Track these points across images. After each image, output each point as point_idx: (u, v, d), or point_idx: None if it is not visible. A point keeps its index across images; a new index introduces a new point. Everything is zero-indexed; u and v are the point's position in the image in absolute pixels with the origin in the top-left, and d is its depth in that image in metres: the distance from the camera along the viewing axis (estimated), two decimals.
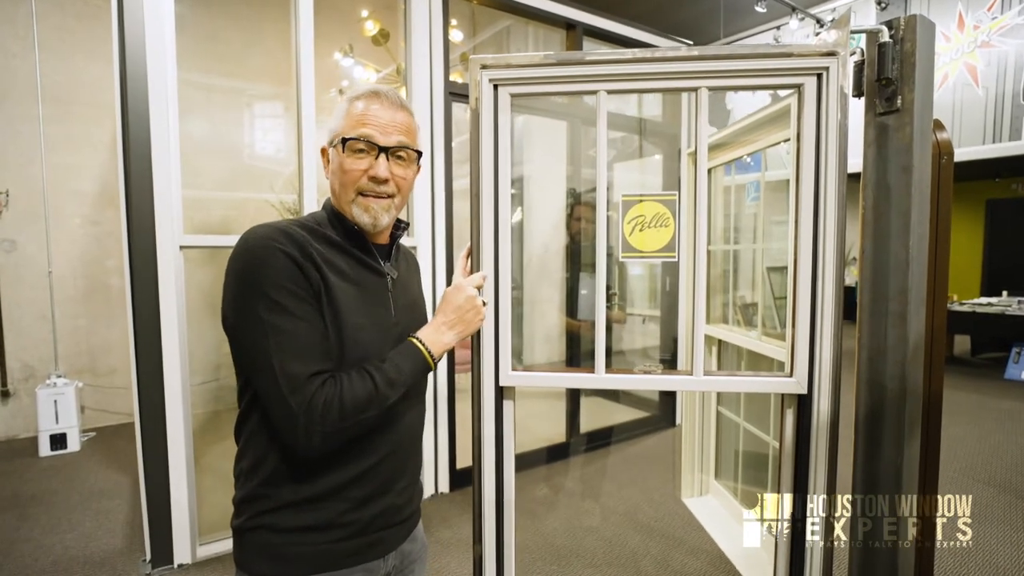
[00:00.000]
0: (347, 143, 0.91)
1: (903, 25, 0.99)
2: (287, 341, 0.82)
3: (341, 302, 0.88)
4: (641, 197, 1.05)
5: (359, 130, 0.92)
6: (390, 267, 1.01)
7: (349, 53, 3.98)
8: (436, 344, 0.95)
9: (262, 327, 0.82)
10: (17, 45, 3.81)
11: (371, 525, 0.94)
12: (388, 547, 0.98)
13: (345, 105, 0.95)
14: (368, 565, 0.94)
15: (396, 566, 1.01)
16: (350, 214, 0.94)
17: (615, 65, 1.02)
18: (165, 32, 2.20)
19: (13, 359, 3.92)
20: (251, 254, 0.84)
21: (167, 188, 2.23)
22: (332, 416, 0.82)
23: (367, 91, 0.95)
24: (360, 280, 0.94)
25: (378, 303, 0.96)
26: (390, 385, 0.87)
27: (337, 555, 0.91)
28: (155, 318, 2.24)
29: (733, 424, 2.41)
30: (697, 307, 1.05)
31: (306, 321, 0.84)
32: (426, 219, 2.93)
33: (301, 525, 0.88)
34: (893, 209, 1.03)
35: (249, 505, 0.90)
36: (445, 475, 3.08)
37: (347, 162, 0.92)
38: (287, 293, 0.83)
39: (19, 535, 2.60)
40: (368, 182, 0.93)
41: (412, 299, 1.07)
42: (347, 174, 0.92)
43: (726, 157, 2.11)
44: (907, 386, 1.03)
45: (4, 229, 3.85)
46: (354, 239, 0.96)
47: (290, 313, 0.83)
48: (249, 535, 0.90)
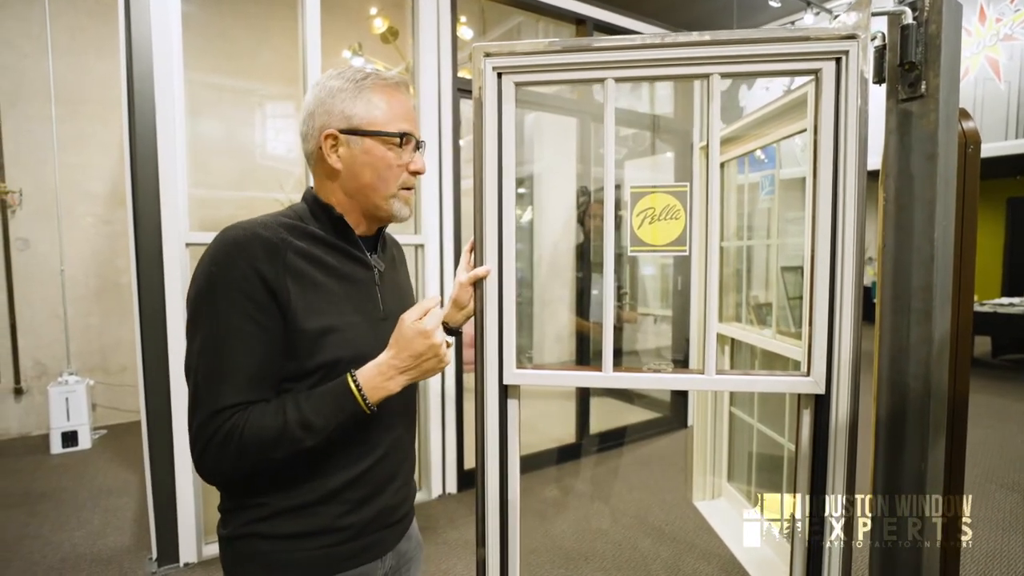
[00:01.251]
0: (404, 139, 0.90)
1: (928, 6, 0.94)
2: (218, 366, 0.78)
3: (324, 299, 0.84)
4: (651, 189, 1.01)
5: (402, 125, 0.90)
6: (377, 259, 0.97)
7: (358, 51, 3.96)
8: (378, 390, 0.83)
9: (201, 343, 0.79)
10: (30, 45, 3.84)
11: (368, 528, 0.91)
12: (385, 548, 0.95)
13: (372, 92, 0.89)
14: (365, 568, 0.91)
15: (393, 566, 0.98)
16: (388, 208, 0.91)
17: (623, 51, 0.98)
18: (172, 31, 2.20)
19: (26, 357, 3.95)
20: (215, 263, 0.79)
21: (173, 186, 2.22)
22: (227, 455, 0.78)
23: (395, 80, 0.92)
24: (347, 275, 0.90)
25: (366, 298, 0.92)
26: (305, 428, 0.79)
27: (334, 560, 0.88)
28: (161, 316, 2.23)
29: (746, 425, 2.35)
30: (710, 303, 1.01)
31: (250, 346, 0.79)
32: (434, 217, 2.90)
33: (295, 532, 0.85)
34: (916, 200, 0.98)
35: (238, 513, 0.86)
36: (453, 475, 3.06)
37: (391, 156, 0.89)
38: (238, 311, 0.78)
39: (28, 531, 2.61)
40: (409, 177, 0.92)
41: (400, 290, 1.03)
42: (392, 169, 0.90)
43: (739, 150, 2.06)
44: (931, 387, 0.98)
45: (17, 228, 3.89)
46: (341, 233, 0.92)
47: (236, 335, 0.78)
48: (239, 543, 0.86)
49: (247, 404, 0.79)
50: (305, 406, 0.80)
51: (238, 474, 0.81)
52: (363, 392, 0.82)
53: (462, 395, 3.06)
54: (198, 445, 0.79)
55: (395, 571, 0.99)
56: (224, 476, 0.83)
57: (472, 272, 0.95)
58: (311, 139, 0.90)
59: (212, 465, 0.80)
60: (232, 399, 0.78)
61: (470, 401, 3.08)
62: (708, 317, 1.02)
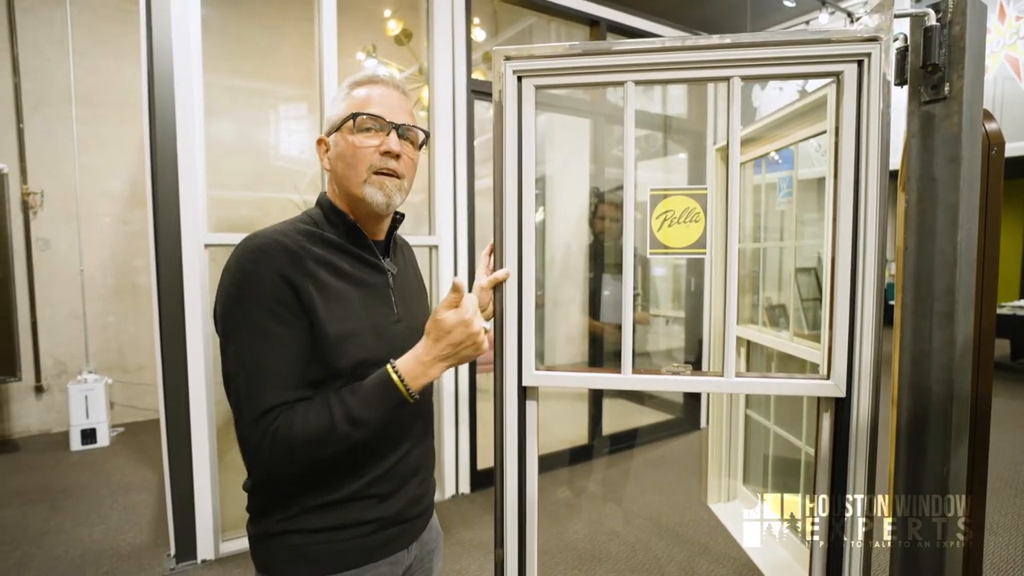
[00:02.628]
0: (357, 119, 0.89)
1: (951, 7, 0.93)
2: (257, 369, 0.80)
3: (342, 304, 0.86)
4: (671, 191, 1.01)
5: (368, 108, 0.90)
6: (390, 263, 0.99)
7: (372, 53, 3.99)
8: (420, 378, 0.85)
9: (237, 349, 0.81)
10: (52, 49, 3.91)
11: (395, 518, 0.95)
12: (410, 538, 1.00)
13: (346, 90, 0.92)
14: (393, 558, 0.96)
15: (417, 556, 1.03)
16: (362, 195, 0.90)
17: (643, 55, 0.98)
18: (191, 35, 2.23)
19: (47, 355, 4.02)
20: (241, 271, 0.82)
21: (192, 188, 2.25)
22: (279, 456, 0.80)
23: (367, 76, 0.93)
24: (362, 280, 0.92)
25: (380, 302, 0.94)
26: (352, 423, 0.81)
27: (365, 550, 0.92)
28: (180, 315, 2.26)
29: (762, 428, 2.34)
30: (728, 306, 1.01)
31: (283, 346, 0.81)
32: (448, 218, 2.92)
33: (328, 526, 0.88)
34: (939, 203, 0.97)
35: (271, 513, 0.89)
36: (466, 476, 3.07)
37: (358, 139, 0.89)
38: (269, 314, 0.81)
39: (50, 526, 2.66)
40: (381, 158, 0.89)
41: (412, 292, 1.06)
42: (359, 151, 0.89)
43: (755, 153, 2.05)
44: (954, 390, 0.97)
45: (39, 228, 3.96)
46: (354, 237, 0.94)
47: (269, 337, 0.81)
48: (274, 540, 0.89)
49: (290, 404, 0.81)
50: (350, 401, 0.82)
51: (292, 472, 0.84)
52: (405, 382, 0.84)
53: (475, 396, 3.07)
54: (249, 449, 0.81)
55: (419, 560, 1.04)
56: (279, 475, 0.85)
57: (492, 276, 0.96)
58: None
59: (267, 466, 0.82)
60: (275, 400, 0.80)
61: (484, 402, 3.09)
62: (727, 320, 1.02)
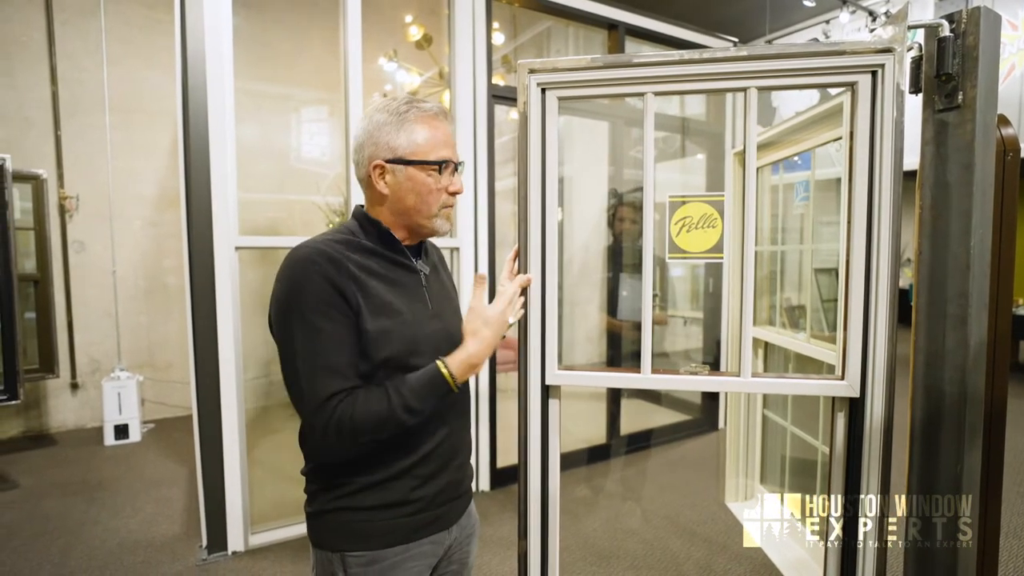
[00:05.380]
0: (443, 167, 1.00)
1: (965, 18, 0.95)
2: (317, 363, 0.91)
3: (382, 303, 0.96)
4: (689, 198, 1.05)
5: (442, 152, 1.00)
6: (422, 264, 1.09)
7: (393, 58, 4.07)
8: (466, 371, 0.99)
9: (295, 347, 0.92)
10: (88, 59, 4.05)
11: (435, 500, 1.03)
12: (451, 520, 1.08)
13: (411, 120, 1.00)
14: (435, 537, 1.05)
15: (457, 538, 1.11)
16: (432, 226, 1.03)
17: (662, 67, 1.02)
18: (223, 44, 2.31)
19: (81, 353, 4.16)
20: (292, 279, 0.93)
21: (223, 192, 2.33)
22: (345, 438, 0.90)
23: (431, 111, 1.02)
24: (397, 280, 1.02)
25: (416, 299, 1.03)
26: (408, 411, 0.92)
27: (409, 529, 1.00)
28: (212, 316, 2.34)
29: (780, 428, 2.36)
30: (745, 308, 1.04)
31: (336, 340, 0.91)
32: (469, 220, 2.97)
33: (377, 504, 0.98)
34: (953, 209, 1.00)
35: (327, 492, 0.99)
36: (486, 473, 3.12)
37: (431, 181, 1.00)
38: (320, 314, 0.91)
39: (88, 518, 2.77)
40: (448, 197, 1.03)
41: (445, 290, 1.15)
42: (433, 193, 1.01)
43: (773, 157, 2.06)
44: (967, 392, 0.99)
45: (74, 231, 4.10)
46: (388, 243, 1.03)
47: (322, 334, 0.91)
48: (329, 516, 0.99)
49: (348, 391, 0.91)
50: (405, 392, 0.93)
51: (352, 453, 0.95)
52: (454, 376, 0.97)
53: (495, 395, 3.12)
54: (315, 434, 0.92)
55: (459, 543, 1.12)
56: (340, 456, 0.97)
57: (516, 280, 1.03)
58: (362, 167, 1.03)
59: (332, 447, 0.94)
60: (336, 387, 0.90)
61: (503, 401, 3.14)
62: (744, 322, 1.05)
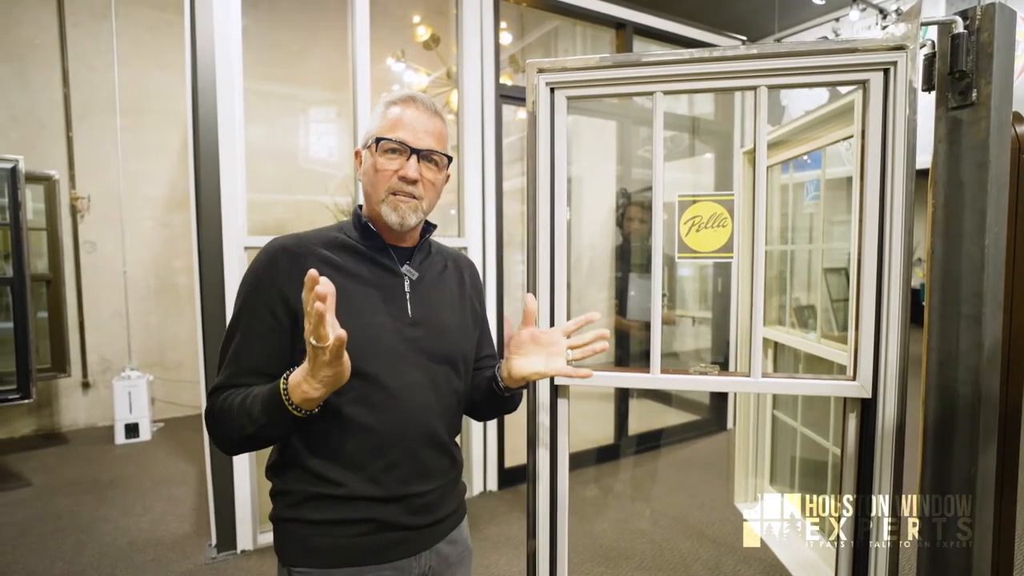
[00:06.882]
0: (380, 143, 0.94)
1: (979, 14, 0.94)
2: (226, 353, 0.92)
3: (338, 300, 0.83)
4: (698, 197, 1.04)
5: (394, 133, 0.94)
6: (409, 268, 1.01)
7: (401, 58, 4.08)
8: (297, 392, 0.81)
9: (225, 333, 0.94)
10: (99, 60, 4.09)
11: (396, 524, 0.94)
12: (418, 547, 0.97)
13: (382, 108, 0.98)
14: (398, 563, 0.95)
15: (432, 568, 1.00)
16: (379, 213, 0.95)
17: (671, 66, 1.02)
18: (232, 45, 2.32)
19: (93, 353, 4.20)
20: (250, 268, 0.95)
21: (233, 192, 2.35)
22: (215, 427, 0.91)
23: (403, 96, 0.98)
24: (372, 281, 0.97)
25: (392, 302, 0.97)
26: (248, 417, 0.85)
27: (363, 550, 0.92)
28: (221, 315, 2.36)
29: (789, 428, 2.34)
30: (755, 308, 1.04)
31: (253, 339, 0.91)
32: (477, 219, 2.97)
33: (326, 519, 0.91)
34: (967, 208, 0.99)
35: (281, 497, 0.95)
36: (494, 473, 3.12)
37: (380, 162, 0.95)
38: (248, 311, 0.91)
39: (99, 515, 2.80)
40: (398, 182, 0.94)
41: (443, 299, 1.04)
42: (379, 173, 0.95)
43: (783, 156, 2.05)
44: (982, 393, 0.98)
45: (86, 231, 4.14)
46: (371, 242, 0.99)
47: (243, 328, 0.91)
48: (283, 525, 0.94)
49: (237, 387, 0.90)
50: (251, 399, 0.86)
51: (235, 446, 0.92)
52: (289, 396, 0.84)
53: None
54: (206, 417, 0.93)
55: (435, 572, 1.00)
56: (224, 446, 0.93)
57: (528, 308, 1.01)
58: None
59: (211, 434, 0.93)
60: (227, 382, 0.91)
61: None
62: (754, 322, 1.04)
